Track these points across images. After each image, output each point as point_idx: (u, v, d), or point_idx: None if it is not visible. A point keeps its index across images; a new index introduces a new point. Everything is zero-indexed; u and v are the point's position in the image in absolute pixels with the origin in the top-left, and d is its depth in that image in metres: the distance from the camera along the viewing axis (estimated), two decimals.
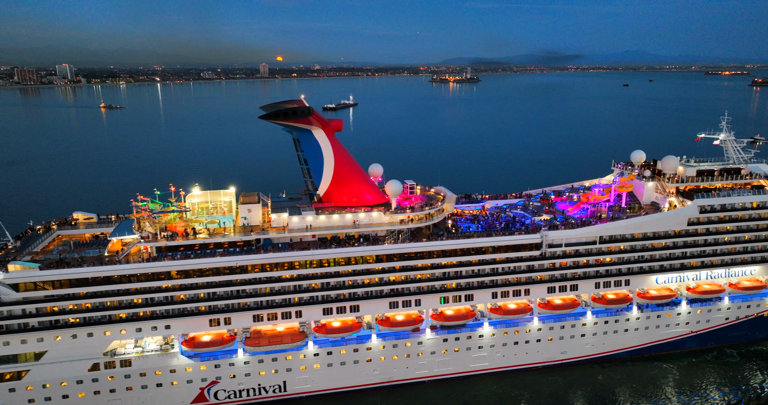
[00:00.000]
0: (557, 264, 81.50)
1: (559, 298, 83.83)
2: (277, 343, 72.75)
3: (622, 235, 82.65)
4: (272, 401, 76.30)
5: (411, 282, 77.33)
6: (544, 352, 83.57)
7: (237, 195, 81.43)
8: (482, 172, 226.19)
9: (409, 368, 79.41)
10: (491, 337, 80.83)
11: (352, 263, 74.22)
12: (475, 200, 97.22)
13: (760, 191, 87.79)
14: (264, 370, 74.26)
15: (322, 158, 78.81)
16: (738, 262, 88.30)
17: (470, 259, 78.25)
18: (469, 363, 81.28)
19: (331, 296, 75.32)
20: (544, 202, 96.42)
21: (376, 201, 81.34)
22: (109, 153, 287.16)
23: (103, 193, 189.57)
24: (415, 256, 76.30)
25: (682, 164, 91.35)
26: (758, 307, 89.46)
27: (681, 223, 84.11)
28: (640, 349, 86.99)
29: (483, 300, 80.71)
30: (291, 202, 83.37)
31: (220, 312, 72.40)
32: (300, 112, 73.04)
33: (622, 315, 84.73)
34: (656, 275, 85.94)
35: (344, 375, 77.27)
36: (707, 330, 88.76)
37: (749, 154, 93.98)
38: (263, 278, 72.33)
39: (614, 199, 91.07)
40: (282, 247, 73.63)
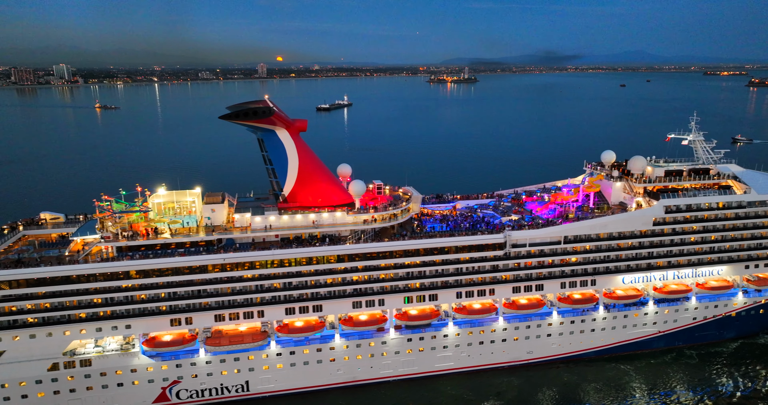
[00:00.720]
0: (522, 264, 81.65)
1: (524, 297, 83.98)
2: (237, 342, 72.93)
3: (588, 235, 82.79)
4: (235, 401, 76.47)
5: (374, 282, 77.50)
6: (509, 352, 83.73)
7: (203, 195, 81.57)
8: (464, 172, 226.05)
9: (374, 368, 79.57)
10: (456, 337, 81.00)
11: (313, 263, 74.39)
12: (446, 200, 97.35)
13: (727, 191, 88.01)
14: (226, 370, 74.43)
15: (287, 158, 78.96)
16: (705, 262, 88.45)
17: (434, 258, 78.43)
18: (434, 363, 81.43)
19: (294, 296, 75.50)
20: (515, 202, 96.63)
21: (342, 201, 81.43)
22: (94, 153, 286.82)
23: (77, 192, 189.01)
24: (378, 256, 76.46)
25: (650, 164, 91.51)
26: (726, 307, 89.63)
27: (646, 223, 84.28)
28: (607, 349, 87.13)
29: (447, 300, 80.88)
30: (258, 202, 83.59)
31: (181, 312, 72.57)
32: (261, 112, 73.18)
33: (588, 315, 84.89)
34: (623, 275, 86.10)
35: (308, 375, 77.44)
36: (675, 330, 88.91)
37: (719, 155, 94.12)
38: (224, 278, 72.51)
39: (582, 199, 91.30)
40: (243, 247, 73.84)
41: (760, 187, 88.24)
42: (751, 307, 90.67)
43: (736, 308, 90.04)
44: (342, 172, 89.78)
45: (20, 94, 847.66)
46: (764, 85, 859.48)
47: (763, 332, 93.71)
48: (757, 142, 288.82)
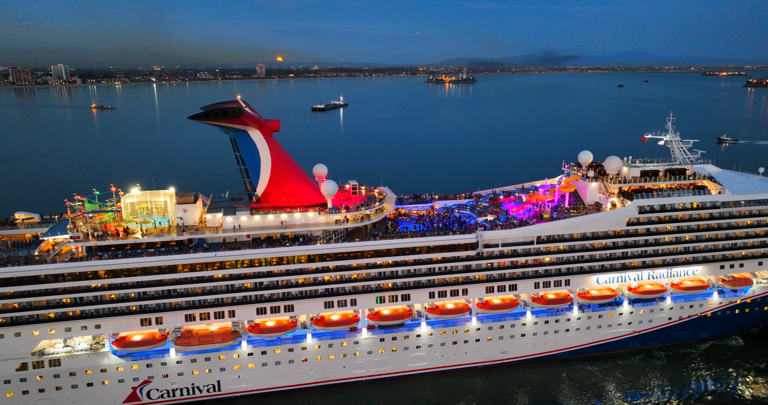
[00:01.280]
0: (495, 264, 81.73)
1: (498, 298, 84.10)
2: (207, 342, 73.08)
3: (561, 235, 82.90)
4: (207, 400, 76.60)
5: (346, 282, 77.60)
6: (483, 352, 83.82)
7: (177, 195, 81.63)
8: (450, 172, 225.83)
9: (346, 368, 79.67)
10: (429, 337, 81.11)
11: (284, 263, 74.52)
12: (424, 200, 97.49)
13: (702, 191, 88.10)
14: (197, 370, 74.56)
15: (259, 158, 79.10)
16: (680, 263, 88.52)
17: (406, 258, 78.53)
18: (407, 363, 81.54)
19: (265, 296, 75.61)
20: (493, 202, 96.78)
21: (315, 201, 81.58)
22: (82, 153, 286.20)
23: (56, 192, 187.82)
24: (350, 255, 76.58)
25: (626, 165, 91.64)
26: (701, 307, 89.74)
27: (620, 224, 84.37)
28: (582, 349, 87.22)
29: (420, 300, 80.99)
30: (232, 202, 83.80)
31: (152, 312, 72.69)
32: (230, 112, 73.30)
33: (562, 315, 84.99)
34: (597, 275, 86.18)
35: (279, 374, 77.56)
36: (650, 330, 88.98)
37: (696, 155, 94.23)
38: (194, 278, 72.63)
39: (558, 199, 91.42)
40: (214, 247, 73.98)
41: (735, 188, 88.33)
42: (727, 308, 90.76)
43: (712, 308, 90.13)
44: (318, 173, 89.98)
45: (18, 94, 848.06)
46: (762, 86, 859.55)
47: (739, 332, 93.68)
48: (742, 143, 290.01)
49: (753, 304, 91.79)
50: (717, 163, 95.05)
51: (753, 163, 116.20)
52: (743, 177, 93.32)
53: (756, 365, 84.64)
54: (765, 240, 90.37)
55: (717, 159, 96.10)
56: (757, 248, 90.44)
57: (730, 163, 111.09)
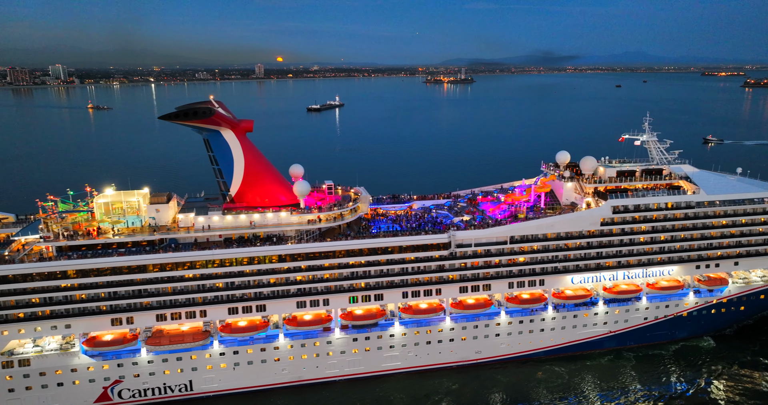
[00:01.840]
0: (469, 264, 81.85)
1: (471, 297, 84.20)
2: (178, 342, 73.16)
3: (535, 235, 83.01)
4: (179, 400, 76.66)
5: (318, 282, 77.71)
6: (458, 352, 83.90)
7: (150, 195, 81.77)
8: (435, 172, 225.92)
9: (319, 368, 79.76)
10: (403, 337, 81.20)
11: (255, 263, 74.63)
12: (402, 201, 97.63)
13: (677, 192, 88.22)
14: (169, 369, 74.64)
15: (232, 159, 79.27)
16: (655, 263, 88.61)
17: (378, 258, 78.64)
18: (380, 362, 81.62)
19: (236, 296, 75.70)
20: (471, 202, 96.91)
21: (290, 201, 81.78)
22: (69, 153, 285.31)
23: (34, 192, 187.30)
24: (322, 255, 76.73)
25: (603, 165, 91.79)
26: (677, 307, 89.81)
27: (594, 224, 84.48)
28: (557, 348, 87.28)
29: (393, 299, 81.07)
30: (206, 202, 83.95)
31: (122, 311, 72.80)
32: (201, 113, 73.43)
33: (537, 315, 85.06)
34: (571, 275, 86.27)
35: (252, 374, 77.63)
36: (626, 330, 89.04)
37: (673, 155, 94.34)
38: (165, 278, 72.71)
39: (534, 199, 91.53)
40: (185, 247, 74.12)
41: (710, 188, 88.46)
42: (703, 307, 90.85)
43: (688, 308, 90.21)
44: (294, 173, 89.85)
45: (15, 94, 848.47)
46: (759, 86, 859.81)
47: (716, 332, 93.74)
48: (728, 143, 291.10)
49: (729, 304, 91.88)
50: (701, 162, 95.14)
51: (735, 163, 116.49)
52: (720, 177, 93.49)
53: (727, 366, 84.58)
54: (740, 240, 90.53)
55: (702, 159, 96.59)
56: (733, 248, 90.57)
57: (715, 162, 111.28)
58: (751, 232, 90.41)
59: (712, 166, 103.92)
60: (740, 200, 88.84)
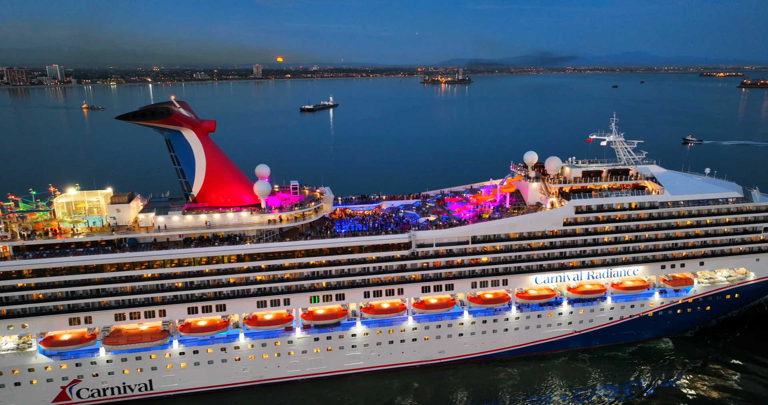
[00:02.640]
0: (431, 264, 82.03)
1: (434, 297, 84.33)
2: (136, 341, 73.30)
3: (497, 235, 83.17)
4: (139, 399, 76.83)
5: (278, 281, 77.90)
6: (421, 352, 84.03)
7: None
8: (415, 171, 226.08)
9: (281, 367, 79.92)
10: (365, 337, 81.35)
11: (213, 263, 74.80)
12: (370, 201, 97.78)
13: (641, 192, 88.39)
14: (128, 369, 74.80)
15: (194, 159, 79.46)
16: (620, 262, 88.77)
17: (339, 258, 78.82)
18: (343, 362, 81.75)
19: (196, 295, 75.87)
20: (440, 202, 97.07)
21: (253, 201, 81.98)
22: (49, 154, 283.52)
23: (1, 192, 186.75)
24: (282, 255, 76.91)
25: (569, 165, 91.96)
26: (642, 307, 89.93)
27: (557, 224, 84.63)
28: (521, 348, 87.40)
29: (355, 299, 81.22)
30: (170, 202, 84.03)
31: (80, 311, 72.97)
32: (158, 113, 73.58)
33: (501, 314, 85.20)
34: (535, 275, 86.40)
35: (213, 374, 77.80)
36: (591, 330, 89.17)
37: (641, 155, 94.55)
38: (123, 277, 72.90)
39: (500, 199, 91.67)
40: (144, 247, 74.28)
41: (674, 188, 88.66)
42: (669, 307, 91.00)
43: (653, 308, 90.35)
44: (260, 173, 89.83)
45: (12, 94, 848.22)
46: (756, 86, 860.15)
47: (682, 332, 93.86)
48: (707, 143, 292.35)
49: (695, 303, 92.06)
50: (678, 162, 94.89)
51: (712, 163, 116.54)
52: (686, 177, 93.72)
53: (687, 366, 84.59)
54: (705, 240, 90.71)
55: (679, 159, 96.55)
56: (698, 248, 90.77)
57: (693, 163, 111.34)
58: (716, 232, 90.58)
59: (687, 167, 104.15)
60: (704, 200, 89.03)
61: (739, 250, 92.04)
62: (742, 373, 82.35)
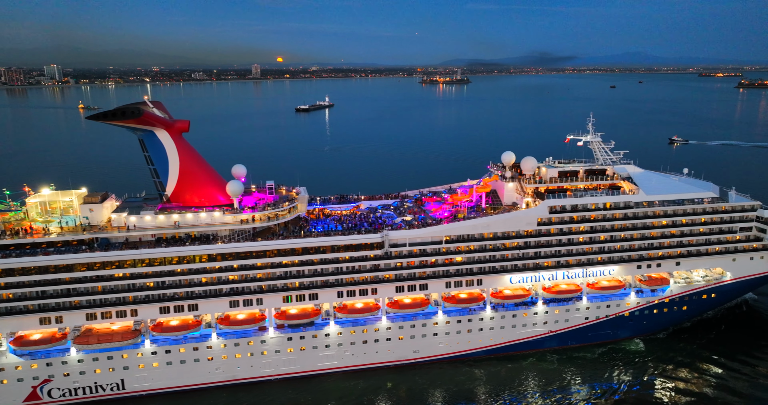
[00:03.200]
0: (405, 263, 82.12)
1: (408, 297, 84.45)
2: (107, 341, 73.40)
3: (471, 234, 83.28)
4: (111, 399, 76.90)
5: (251, 281, 78.00)
6: (395, 351, 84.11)
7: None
8: (398, 171, 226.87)
9: (254, 367, 79.99)
10: (338, 336, 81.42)
11: (184, 262, 74.91)
12: (349, 201, 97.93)
13: (616, 192, 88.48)
14: (100, 368, 74.87)
15: (167, 159, 79.59)
16: (595, 262, 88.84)
17: (312, 258, 78.94)
18: (316, 362, 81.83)
19: (168, 295, 75.96)
20: (418, 203, 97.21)
21: (228, 201, 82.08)
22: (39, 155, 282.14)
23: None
24: (254, 255, 77.04)
25: (545, 165, 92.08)
26: (618, 307, 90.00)
27: (531, 224, 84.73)
28: (497, 348, 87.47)
29: (328, 299, 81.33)
30: (145, 202, 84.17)
31: (51, 310, 73.05)
32: (129, 113, 73.69)
33: (475, 314, 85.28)
34: (510, 275, 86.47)
35: (185, 373, 77.87)
36: (567, 329, 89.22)
37: (618, 155, 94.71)
38: (94, 277, 73.01)
39: (476, 199, 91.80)
40: (116, 247, 74.40)
41: (650, 188, 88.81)
42: (645, 307, 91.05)
43: (629, 308, 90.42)
44: (236, 173, 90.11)
45: (10, 94, 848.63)
46: (753, 87, 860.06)
47: (659, 332, 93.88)
48: (693, 143, 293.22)
49: (671, 303, 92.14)
50: (665, 162, 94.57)
51: (696, 163, 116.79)
52: (663, 177, 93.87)
53: (660, 367, 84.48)
54: (681, 240, 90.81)
55: (665, 159, 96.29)
56: (674, 248, 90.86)
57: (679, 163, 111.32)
58: (691, 232, 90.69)
59: (667, 167, 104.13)
60: (680, 200, 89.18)
61: (715, 250, 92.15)
62: (714, 373, 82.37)
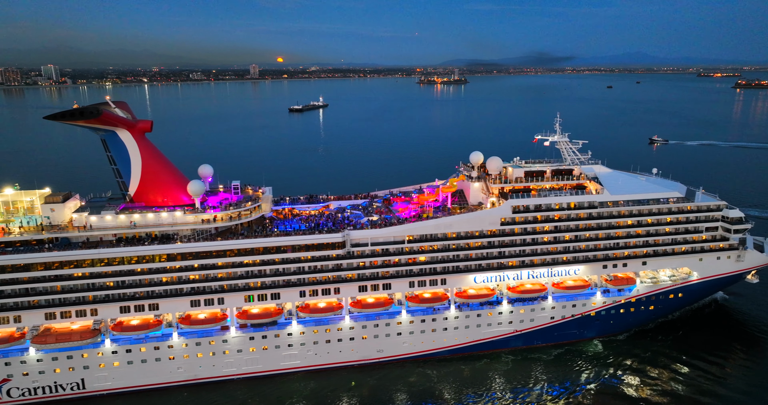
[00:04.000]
0: (368, 263, 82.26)
1: (372, 296, 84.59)
2: (65, 340, 73.56)
3: (434, 234, 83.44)
4: (72, 399, 77.02)
5: (212, 280, 78.17)
6: (359, 351, 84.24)
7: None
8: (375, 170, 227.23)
9: (216, 366, 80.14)
10: (301, 336, 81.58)
11: (144, 262, 75.08)
12: (318, 200, 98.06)
13: (581, 192, 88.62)
14: (59, 368, 75.00)
15: (130, 159, 79.79)
16: (560, 262, 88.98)
17: (273, 257, 79.11)
18: (279, 361, 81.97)
19: (128, 294, 76.12)
20: (386, 203, 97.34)
21: (190, 201, 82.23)
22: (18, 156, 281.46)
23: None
24: (215, 254, 77.22)
25: (512, 165, 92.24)
26: (584, 306, 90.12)
27: (494, 223, 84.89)
28: (462, 347, 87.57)
29: (290, 298, 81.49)
30: (110, 202, 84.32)
31: (9, 310, 73.19)
32: (87, 113, 73.84)
33: (439, 314, 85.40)
34: (474, 274, 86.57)
35: (146, 373, 78.00)
36: (532, 329, 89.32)
37: (586, 156, 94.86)
38: (53, 276, 73.18)
39: (443, 199, 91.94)
40: (76, 247, 74.56)
41: (615, 188, 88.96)
42: (611, 307, 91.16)
43: (595, 308, 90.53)
44: (202, 173, 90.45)
45: (7, 94, 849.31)
46: (750, 87, 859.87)
47: (626, 332, 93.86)
48: (673, 143, 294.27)
49: (638, 303, 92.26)
50: (642, 162, 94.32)
51: (672, 163, 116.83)
52: (629, 177, 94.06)
53: (621, 367, 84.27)
54: (647, 240, 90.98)
55: (642, 159, 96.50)
56: (640, 248, 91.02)
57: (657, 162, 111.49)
58: (657, 232, 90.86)
59: (644, 167, 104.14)
60: (645, 200, 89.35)
61: (682, 250, 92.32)
62: (678, 373, 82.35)
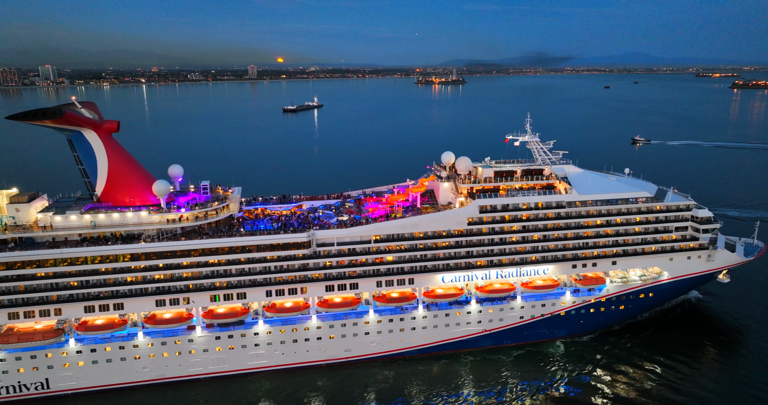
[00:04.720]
0: (335, 263, 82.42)
1: (339, 296, 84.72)
2: (28, 340, 73.73)
3: (401, 234, 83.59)
4: (36, 398, 77.14)
5: (177, 280, 78.31)
6: (326, 350, 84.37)
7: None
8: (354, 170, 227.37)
9: (182, 366, 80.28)
10: (268, 335, 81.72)
11: (108, 261, 75.23)
12: (290, 201, 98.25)
13: (550, 192, 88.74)
14: (23, 368, 75.15)
15: (96, 159, 79.96)
16: (528, 262, 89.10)
17: (238, 257, 79.26)
18: (246, 361, 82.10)
19: (92, 294, 76.28)
20: (358, 203, 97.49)
21: (158, 201, 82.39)
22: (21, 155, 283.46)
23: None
24: (180, 254, 77.37)
25: (482, 165, 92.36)
26: (554, 306, 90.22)
27: (461, 223, 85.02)
28: (430, 347, 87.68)
29: (256, 298, 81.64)
30: (78, 202, 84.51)
31: None
32: (50, 113, 73.98)
33: (407, 313, 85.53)
34: (442, 274, 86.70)
35: (112, 372, 78.15)
36: (501, 329, 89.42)
37: (557, 156, 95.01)
38: (15, 276, 73.35)
39: (413, 199, 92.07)
40: (40, 247, 74.72)
41: (583, 188, 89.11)
42: (581, 306, 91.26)
43: (565, 307, 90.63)
44: (172, 173, 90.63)
45: (4, 95, 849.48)
46: (747, 87, 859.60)
47: (597, 331, 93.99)
48: (655, 143, 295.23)
49: (608, 303, 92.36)
50: (622, 162, 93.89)
51: (652, 163, 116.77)
52: (599, 177, 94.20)
53: (586, 367, 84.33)
54: (617, 239, 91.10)
55: (622, 159, 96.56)
56: (610, 248, 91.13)
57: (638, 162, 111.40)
58: (627, 231, 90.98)
59: (623, 167, 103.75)
60: (614, 200, 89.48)
61: (652, 250, 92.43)
62: (646, 371, 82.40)
